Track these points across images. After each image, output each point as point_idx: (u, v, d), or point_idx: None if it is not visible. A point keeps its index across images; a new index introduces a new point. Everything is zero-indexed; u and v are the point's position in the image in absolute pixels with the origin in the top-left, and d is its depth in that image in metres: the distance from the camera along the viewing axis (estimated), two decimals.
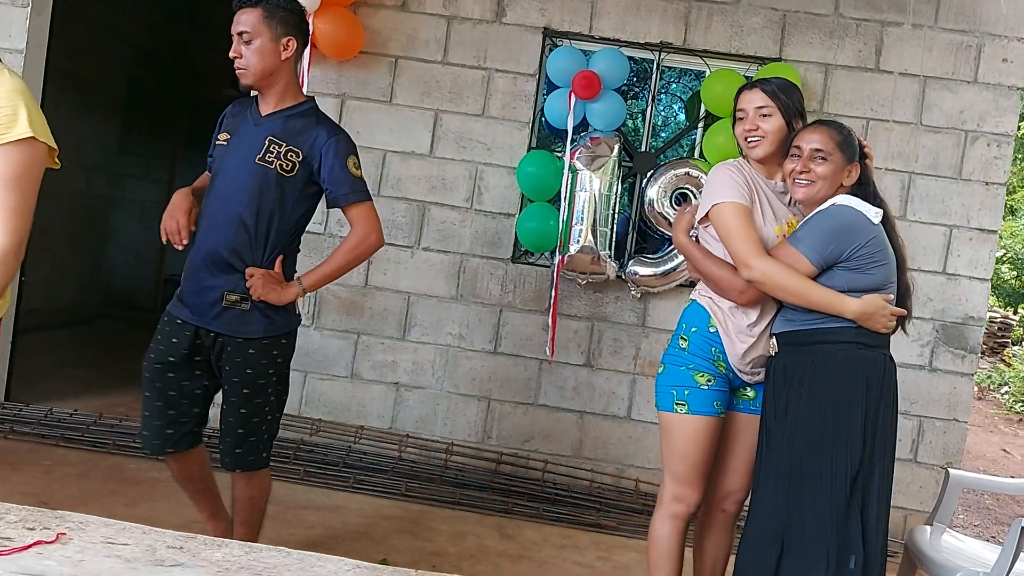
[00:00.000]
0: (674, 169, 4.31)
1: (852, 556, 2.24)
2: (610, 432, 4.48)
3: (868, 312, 2.31)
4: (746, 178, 2.50)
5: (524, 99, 4.46)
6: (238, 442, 2.64)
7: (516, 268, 4.48)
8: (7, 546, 1.17)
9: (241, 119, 2.67)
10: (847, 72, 4.38)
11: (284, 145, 2.58)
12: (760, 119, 2.50)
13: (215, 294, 2.57)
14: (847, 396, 2.31)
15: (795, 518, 2.30)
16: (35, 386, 4.87)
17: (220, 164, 2.65)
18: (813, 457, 2.30)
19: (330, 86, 4.47)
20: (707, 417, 2.49)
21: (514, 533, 3.79)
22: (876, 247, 2.34)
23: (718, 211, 2.45)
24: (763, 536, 2.34)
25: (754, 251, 2.36)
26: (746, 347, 2.50)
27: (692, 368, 2.51)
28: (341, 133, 2.68)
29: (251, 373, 2.59)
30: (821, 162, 2.40)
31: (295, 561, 1.26)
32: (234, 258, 2.56)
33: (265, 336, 2.60)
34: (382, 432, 4.49)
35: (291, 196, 2.60)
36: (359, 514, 3.76)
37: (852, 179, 2.44)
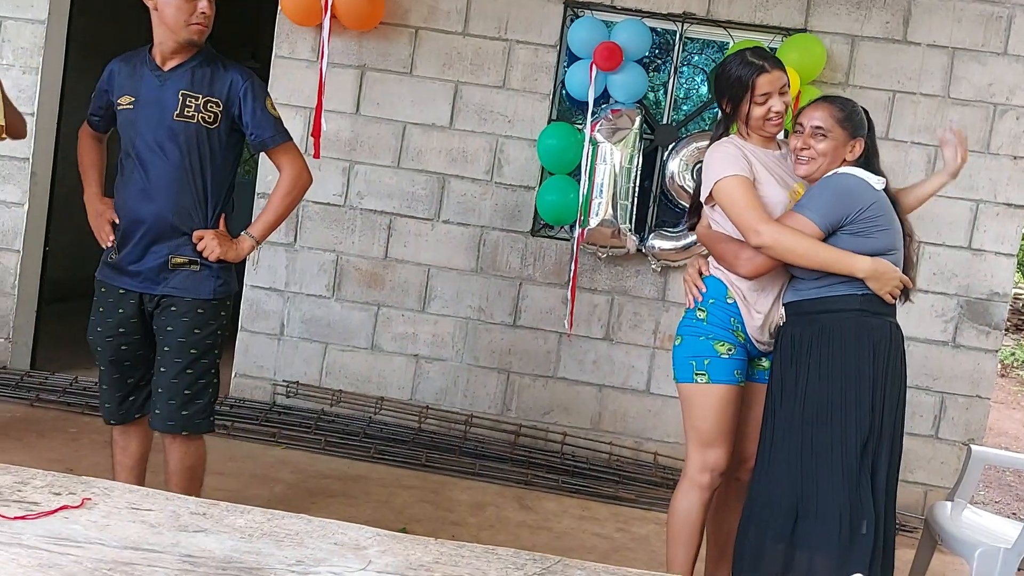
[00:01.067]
0: (696, 142, 4.27)
1: (864, 521, 2.26)
2: (629, 405, 4.48)
3: (878, 272, 2.32)
4: (743, 152, 2.51)
5: (545, 71, 4.43)
6: (185, 403, 2.57)
7: (536, 241, 4.47)
8: (34, 510, 1.19)
9: (139, 78, 2.56)
10: (874, 44, 4.31)
11: (201, 96, 2.52)
12: (784, 96, 2.52)
13: (160, 259, 2.54)
14: (855, 364, 2.32)
15: (808, 486, 2.31)
16: (60, 355, 4.94)
17: (132, 128, 2.55)
18: (824, 425, 2.32)
19: (350, 57, 4.45)
20: (728, 386, 2.51)
21: (533, 504, 3.82)
22: (878, 212, 2.36)
23: (720, 187, 2.46)
24: (776, 506, 2.35)
25: (761, 217, 2.37)
26: (763, 316, 2.52)
27: (712, 338, 2.53)
28: (252, 74, 2.64)
29: (199, 334, 2.56)
30: (821, 139, 2.44)
31: (316, 528, 1.27)
32: (180, 221, 2.53)
33: (215, 297, 2.59)
34: (402, 403, 4.52)
35: (218, 148, 2.56)
36: (380, 484, 3.80)
37: (855, 154, 2.45)
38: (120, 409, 2.68)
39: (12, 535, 1.12)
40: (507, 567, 1.21)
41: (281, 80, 4.48)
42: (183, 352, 2.56)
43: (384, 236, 4.50)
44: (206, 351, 2.59)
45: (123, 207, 2.58)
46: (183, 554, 1.13)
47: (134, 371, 2.67)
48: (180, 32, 2.49)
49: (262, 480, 3.64)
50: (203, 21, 2.51)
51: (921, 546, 2.97)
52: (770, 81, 2.50)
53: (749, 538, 2.41)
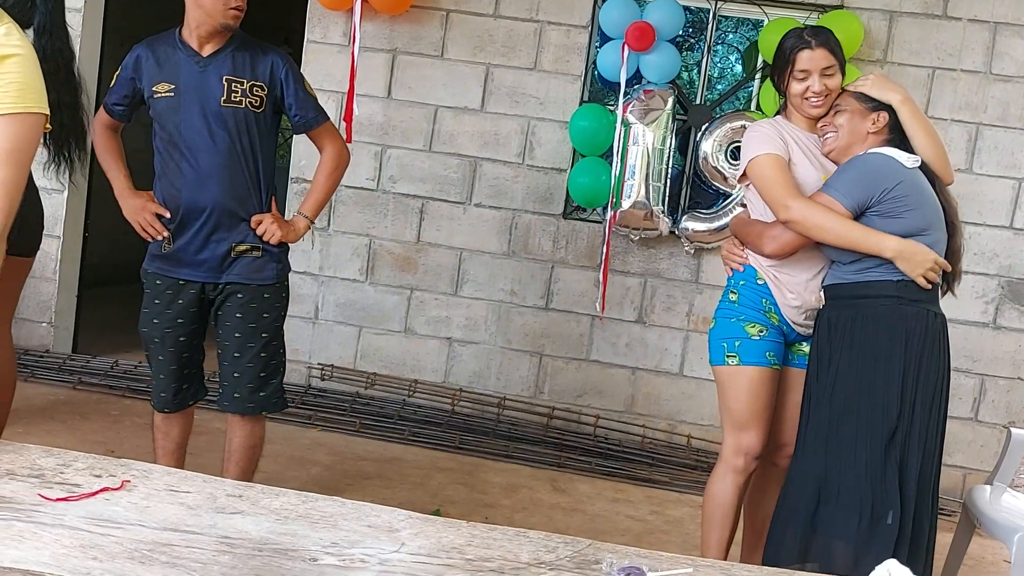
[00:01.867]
0: (730, 122, 4.22)
1: (890, 511, 2.22)
2: (662, 388, 4.47)
3: (907, 253, 2.27)
4: (780, 133, 2.49)
5: (577, 52, 4.39)
6: (261, 385, 2.65)
7: (568, 224, 4.46)
8: (76, 492, 1.22)
9: (176, 64, 2.53)
10: (912, 19, 4.22)
11: (246, 81, 2.53)
12: (826, 79, 2.46)
13: (224, 247, 2.56)
14: (885, 351, 2.29)
15: (832, 471, 2.29)
16: (101, 339, 5.03)
17: (175, 116, 2.53)
18: (851, 411, 2.30)
19: (382, 41, 4.46)
20: (759, 368, 2.49)
21: (566, 486, 3.83)
22: (906, 191, 2.30)
23: (753, 165, 2.45)
24: (802, 488, 2.35)
25: (791, 193, 2.35)
26: (798, 296, 2.49)
27: (743, 319, 2.52)
28: (289, 56, 2.66)
29: (267, 318, 2.63)
30: (840, 114, 2.44)
31: (351, 510, 1.29)
32: (239, 207, 2.56)
33: (277, 281, 2.65)
34: (436, 386, 4.55)
35: (265, 132, 2.59)
36: (414, 465, 3.84)
37: (879, 126, 2.41)
38: (175, 399, 2.73)
39: (55, 516, 1.15)
40: (539, 550, 1.22)
41: (313, 65, 4.50)
42: (255, 337, 2.61)
43: (416, 220, 4.51)
44: (275, 333, 2.67)
45: (174, 197, 2.57)
46: (220, 535, 1.15)
47: (190, 361, 2.72)
48: (218, 17, 2.48)
49: (299, 462, 3.69)
50: (240, 4, 2.51)
51: (960, 530, 2.93)
52: (811, 58, 2.45)
53: (778, 521, 2.40)
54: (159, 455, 2.79)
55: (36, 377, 4.25)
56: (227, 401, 2.68)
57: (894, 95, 2.42)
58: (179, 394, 2.73)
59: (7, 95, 1.51)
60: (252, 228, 2.58)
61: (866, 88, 2.43)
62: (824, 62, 2.45)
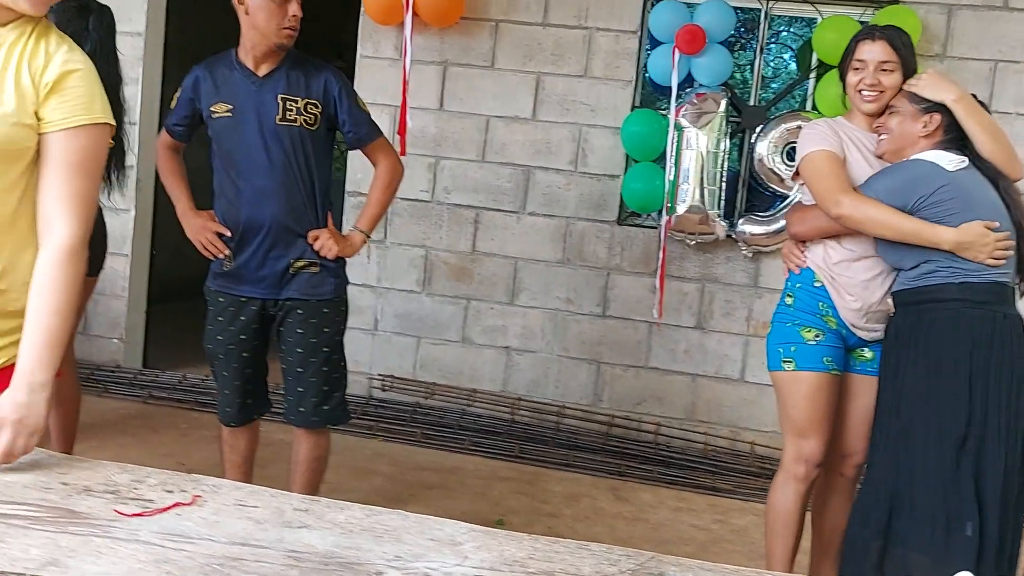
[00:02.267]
0: (785, 123, 4.16)
1: (968, 523, 2.14)
2: (724, 394, 4.41)
3: (966, 241, 2.21)
4: (836, 132, 2.45)
5: (627, 57, 4.38)
6: (325, 399, 2.69)
7: (623, 230, 4.44)
8: (149, 508, 1.26)
9: (233, 84, 2.59)
10: (972, 12, 4.11)
11: (301, 99, 2.56)
12: (882, 74, 2.40)
13: (283, 264, 2.61)
14: (950, 357, 2.22)
15: (903, 482, 2.24)
16: (170, 353, 5.16)
17: (233, 135, 2.58)
18: (919, 420, 2.24)
19: (432, 53, 4.50)
20: (816, 373, 2.44)
21: (628, 495, 3.80)
22: (949, 195, 2.24)
23: (806, 161, 2.42)
24: (874, 499, 2.30)
25: (842, 187, 2.32)
26: (858, 299, 2.43)
27: (799, 324, 2.48)
28: (340, 73, 2.68)
29: (328, 332, 2.66)
30: (892, 116, 2.39)
31: (413, 524, 1.30)
32: (296, 224, 2.60)
33: (336, 295, 2.68)
34: (494, 395, 4.56)
35: (320, 149, 2.63)
36: (476, 475, 3.85)
37: (930, 129, 2.34)
38: (240, 413, 2.78)
39: (130, 531, 1.18)
40: (601, 563, 1.22)
41: (366, 79, 4.57)
42: (317, 352, 2.65)
43: (471, 230, 4.54)
44: (336, 347, 2.71)
45: (233, 216, 2.63)
46: (287, 549, 1.17)
47: (254, 376, 2.77)
48: (271, 36, 2.53)
49: (361, 473, 3.73)
50: (294, 24, 2.55)
51: None
52: (869, 50, 2.40)
53: (851, 532, 2.35)
54: (227, 468, 2.85)
55: (108, 392, 4.39)
56: (293, 415, 2.73)
57: (947, 94, 2.33)
58: (244, 408, 2.78)
59: (75, 108, 1.56)
60: (309, 244, 2.61)
61: (918, 88, 2.36)
62: (882, 55, 2.39)
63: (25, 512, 1.21)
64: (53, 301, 1.50)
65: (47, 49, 1.56)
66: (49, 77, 1.54)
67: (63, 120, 1.55)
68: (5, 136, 1.51)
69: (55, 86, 1.55)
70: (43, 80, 1.54)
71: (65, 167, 1.57)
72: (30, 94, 1.53)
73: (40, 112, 1.54)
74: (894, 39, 2.42)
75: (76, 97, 1.56)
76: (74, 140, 1.56)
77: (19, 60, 1.53)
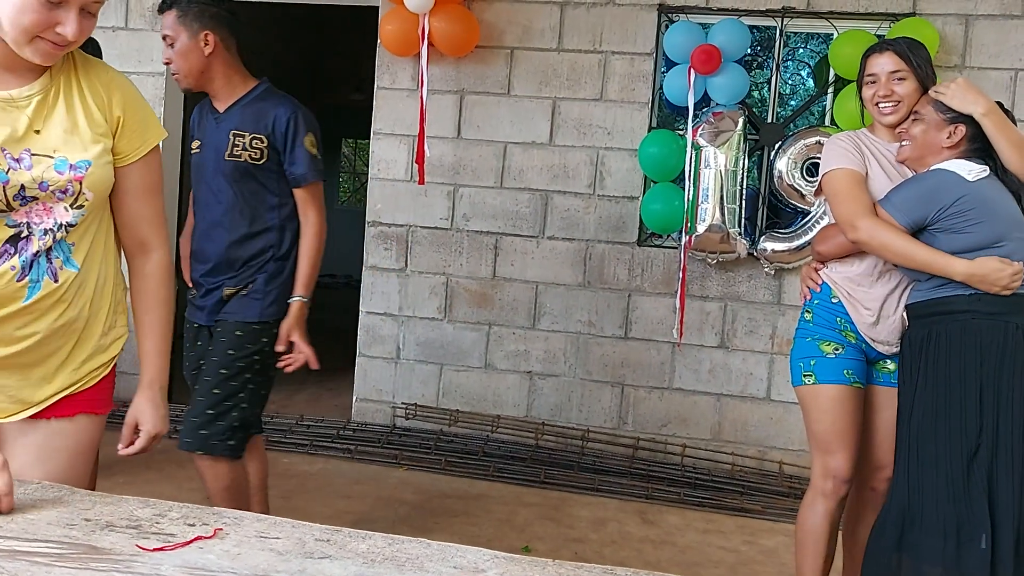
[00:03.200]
0: (804, 139, 4.14)
1: (982, 535, 2.11)
2: (749, 414, 4.37)
3: (979, 274, 2.20)
4: (859, 146, 2.45)
5: (642, 79, 4.39)
6: (205, 423, 2.57)
7: (643, 251, 4.43)
8: (171, 542, 1.26)
9: (206, 122, 2.69)
10: (990, 22, 4.08)
11: (248, 135, 2.58)
12: (895, 83, 2.41)
13: (219, 293, 2.66)
14: (959, 368, 2.21)
15: (914, 494, 2.23)
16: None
17: (198, 172, 2.69)
18: (929, 432, 2.23)
19: (449, 83, 4.54)
20: (836, 386, 2.43)
21: (655, 518, 3.76)
22: (969, 205, 2.22)
23: (827, 179, 2.44)
24: (887, 511, 2.29)
25: (860, 211, 2.31)
26: (874, 313, 2.43)
27: (817, 338, 2.48)
28: (300, 109, 2.65)
29: (232, 355, 2.59)
30: (916, 123, 2.37)
31: (436, 552, 1.29)
32: (238, 255, 2.63)
33: (260, 320, 2.62)
34: (518, 420, 4.54)
35: (269, 181, 2.62)
36: (501, 502, 3.83)
37: (954, 140, 2.32)
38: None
39: (152, 566, 1.18)
40: None
41: (384, 110, 4.61)
42: (214, 372, 2.59)
43: (491, 256, 4.55)
44: (237, 373, 2.59)
45: (195, 247, 2.74)
46: None
47: None
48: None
49: (386, 502, 3.72)
50: (172, 70, 2.62)
51: None
52: (878, 63, 2.42)
53: (870, 544, 2.33)
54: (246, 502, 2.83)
55: None
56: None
57: (975, 107, 2.30)
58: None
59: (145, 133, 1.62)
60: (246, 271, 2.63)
61: (946, 97, 2.34)
62: (891, 66, 2.40)
63: (48, 549, 1.21)
64: (165, 316, 1.75)
65: (100, 81, 1.58)
66: (118, 111, 1.58)
67: (139, 149, 1.62)
68: (105, 178, 1.56)
69: (126, 119, 1.59)
70: (113, 114, 1.58)
71: (146, 192, 1.66)
72: (105, 131, 1.56)
73: (117, 147, 1.59)
74: (901, 48, 2.42)
75: (142, 121, 1.62)
76: (148, 164, 1.65)
77: (81, 99, 1.55)
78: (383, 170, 4.65)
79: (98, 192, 1.55)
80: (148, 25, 4.74)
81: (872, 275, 2.43)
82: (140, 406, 1.75)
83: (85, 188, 1.52)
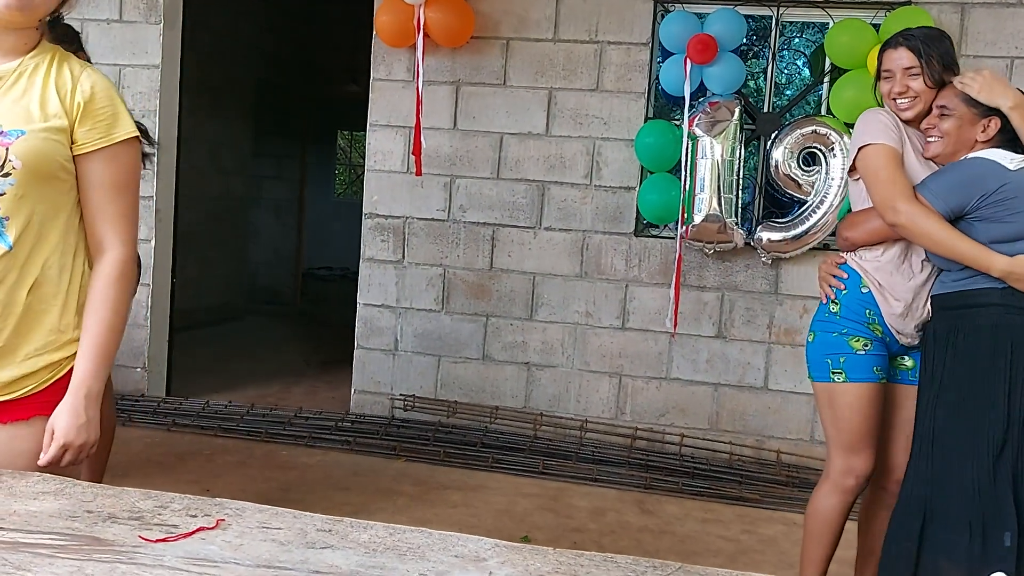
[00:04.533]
0: (800, 128, 4.14)
1: (1007, 532, 2.09)
2: (747, 403, 4.38)
3: (1018, 272, 2.15)
4: (897, 123, 2.37)
5: (638, 69, 4.39)
6: None
7: (640, 242, 4.43)
8: (173, 533, 1.26)
9: None
10: (986, 9, 4.08)
11: None
12: (910, 79, 2.35)
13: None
14: (988, 363, 2.16)
15: (937, 489, 2.19)
16: (192, 381, 5.20)
17: None
18: (954, 427, 2.19)
19: (444, 74, 4.53)
20: (868, 384, 2.37)
21: (654, 508, 3.77)
22: (1010, 194, 2.18)
23: (864, 154, 2.33)
24: (908, 505, 2.26)
25: (902, 194, 2.23)
26: (903, 304, 2.36)
27: (846, 333, 2.39)
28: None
29: None
30: (945, 119, 2.30)
31: (437, 541, 1.29)
32: None
33: None
34: (516, 411, 4.55)
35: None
36: (499, 492, 3.84)
37: (989, 134, 2.27)
38: None
39: (155, 557, 1.18)
40: (627, 574, 1.20)
41: (380, 102, 4.60)
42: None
43: (488, 247, 4.55)
44: None
45: None
46: (311, 570, 1.17)
47: None
48: None
49: (385, 493, 3.73)
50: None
51: None
52: (892, 58, 2.37)
53: (888, 539, 2.31)
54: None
55: (133, 421, 4.41)
56: None
57: (1003, 100, 2.26)
58: None
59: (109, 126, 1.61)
60: None
61: (973, 91, 2.29)
62: (906, 62, 2.35)
63: (51, 541, 1.21)
64: (107, 318, 1.62)
65: (72, 72, 1.60)
66: (80, 98, 1.58)
67: (100, 140, 1.60)
68: (39, 151, 1.54)
69: (87, 107, 1.58)
70: (75, 101, 1.58)
71: (110, 188, 1.63)
72: (59, 112, 1.56)
73: (75, 135, 1.58)
74: (911, 41, 2.36)
75: (109, 115, 1.61)
76: (113, 160, 1.62)
77: (44, 82, 1.57)
78: (379, 162, 4.64)
79: (28, 163, 1.52)
80: (142, 17, 4.72)
81: (901, 263, 2.36)
82: (58, 411, 1.57)
83: (12, 155, 1.51)
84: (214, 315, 7.43)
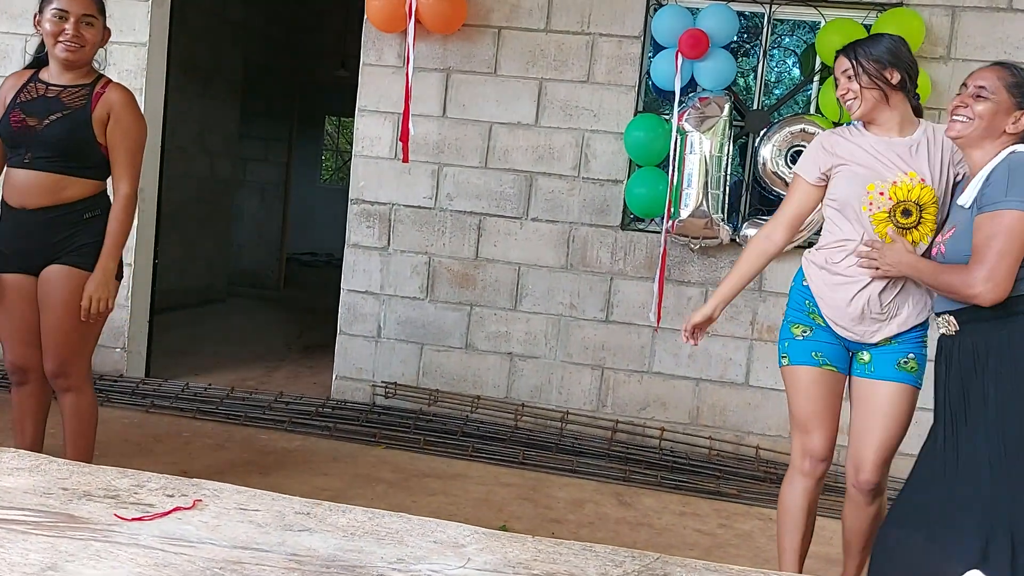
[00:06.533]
0: (789, 126, 4.15)
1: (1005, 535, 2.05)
2: (728, 399, 4.40)
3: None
4: (833, 140, 2.51)
5: (629, 62, 4.38)
6: None
7: (626, 235, 4.43)
8: (149, 512, 1.25)
9: None
10: (977, 13, 4.10)
11: None
12: (848, 81, 2.48)
13: None
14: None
15: (1019, 510, 2.07)
16: (172, 363, 5.16)
17: None
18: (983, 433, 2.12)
19: (435, 61, 4.51)
20: (805, 367, 2.52)
21: (632, 500, 3.79)
22: None
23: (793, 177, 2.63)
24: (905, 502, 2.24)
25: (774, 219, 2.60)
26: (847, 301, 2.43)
27: (790, 321, 2.59)
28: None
29: None
30: (981, 101, 2.21)
31: (416, 526, 1.29)
32: None
33: None
34: (498, 401, 4.55)
35: None
36: (479, 482, 3.84)
37: (1019, 127, 2.20)
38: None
39: (130, 536, 1.17)
40: (605, 564, 1.21)
41: (369, 87, 4.57)
42: None
43: (474, 236, 4.53)
44: None
45: None
46: (289, 553, 1.16)
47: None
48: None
49: (364, 480, 3.72)
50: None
51: None
52: (836, 67, 2.54)
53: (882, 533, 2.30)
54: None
55: (111, 401, 4.38)
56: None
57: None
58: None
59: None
60: None
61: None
62: (843, 65, 2.48)
63: (25, 517, 1.20)
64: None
65: None
66: None
67: None
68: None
69: None
70: None
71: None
72: None
73: None
74: (848, 49, 2.49)
75: None
76: None
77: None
78: (367, 147, 4.61)
79: None
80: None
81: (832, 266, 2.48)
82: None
83: None
84: (196, 297, 7.38)
